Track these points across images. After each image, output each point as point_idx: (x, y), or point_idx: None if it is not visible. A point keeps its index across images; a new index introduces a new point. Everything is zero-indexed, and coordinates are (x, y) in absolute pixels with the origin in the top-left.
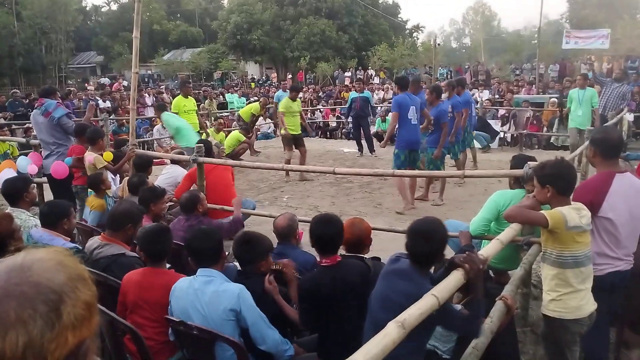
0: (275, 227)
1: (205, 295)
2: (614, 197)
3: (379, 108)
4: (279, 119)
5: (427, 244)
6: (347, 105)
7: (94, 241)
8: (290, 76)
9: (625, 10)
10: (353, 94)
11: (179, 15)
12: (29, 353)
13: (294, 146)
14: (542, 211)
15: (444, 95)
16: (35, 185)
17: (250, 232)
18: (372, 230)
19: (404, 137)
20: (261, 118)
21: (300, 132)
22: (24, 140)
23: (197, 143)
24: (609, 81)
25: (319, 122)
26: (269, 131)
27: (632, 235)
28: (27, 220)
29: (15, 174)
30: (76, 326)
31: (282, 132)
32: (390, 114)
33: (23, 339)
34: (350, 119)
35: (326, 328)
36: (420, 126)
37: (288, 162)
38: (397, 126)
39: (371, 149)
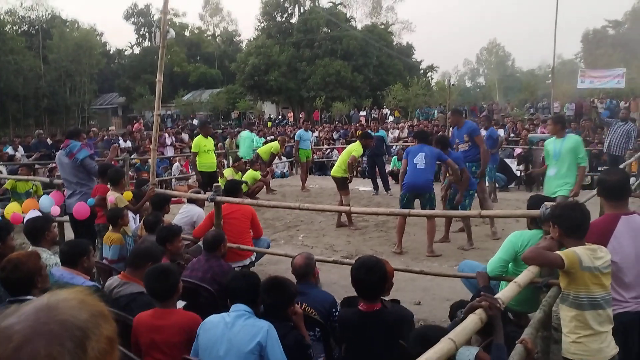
0: (293, 266)
1: (235, 327)
2: (619, 239)
3: (394, 147)
4: (349, 165)
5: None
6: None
7: (113, 280)
8: (301, 115)
9: (639, 50)
10: None
11: (198, 57)
12: None
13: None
14: (557, 252)
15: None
16: (56, 224)
17: (279, 278)
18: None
19: (406, 180)
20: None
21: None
22: (47, 179)
23: (227, 183)
24: (614, 121)
25: (335, 160)
26: (284, 170)
27: (639, 277)
28: (48, 259)
29: (39, 214)
30: None
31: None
32: None
33: None
34: (365, 158)
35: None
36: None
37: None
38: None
39: (386, 188)
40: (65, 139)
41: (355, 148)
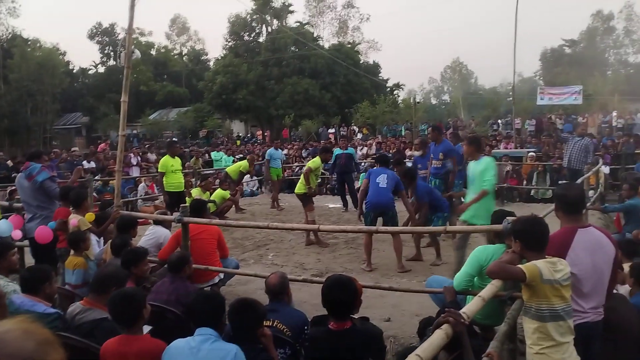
0: (267, 284)
1: (201, 352)
2: (576, 251)
3: (362, 164)
4: (304, 176)
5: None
6: (331, 162)
7: (75, 306)
8: (266, 134)
9: (595, 68)
10: (337, 151)
11: (165, 76)
12: None
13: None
14: (519, 265)
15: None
16: (16, 250)
17: (248, 299)
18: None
19: (369, 199)
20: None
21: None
22: (6, 203)
23: (192, 202)
24: (571, 137)
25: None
26: (254, 189)
27: (597, 288)
28: (5, 286)
29: None
30: None
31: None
32: None
33: None
34: (334, 175)
35: None
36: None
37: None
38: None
39: (356, 205)
40: (25, 160)
41: (312, 161)
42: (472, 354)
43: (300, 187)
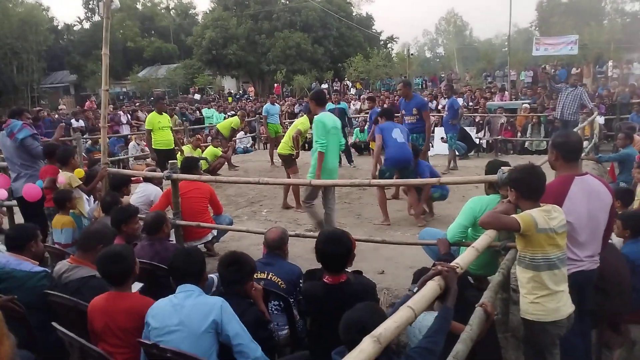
0: (266, 238)
1: (184, 308)
2: (573, 200)
3: (356, 119)
4: (294, 140)
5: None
6: None
7: (62, 264)
8: (250, 90)
9: (591, 18)
10: (330, 105)
11: (153, 32)
12: None
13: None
14: (513, 215)
15: None
16: (5, 209)
17: (237, 253)
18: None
19: (391, 154)
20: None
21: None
22: None
23: (183, 160)
24: (564, 87)
25: None
26: (247, 145)
27: (592, 237)
28: None
29: None
30: None
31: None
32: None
33: None
34: None
35: (319, 335)
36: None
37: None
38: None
39: (349, 160)
40: (7, 118)
41: (301, 122)
42: (454, 300)
43: (284, 148)
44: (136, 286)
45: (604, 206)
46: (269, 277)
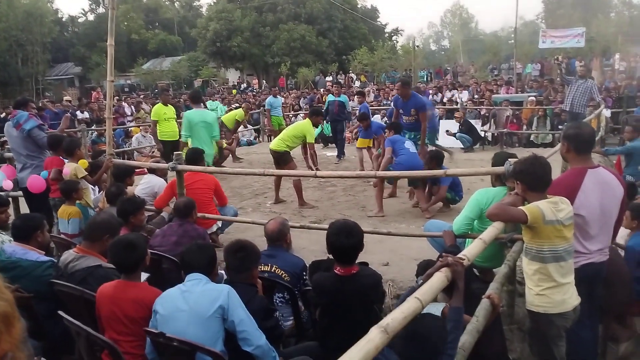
0: (266, 230)
1: (193, 294)
2: (586, 193)
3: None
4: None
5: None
6: (324, 109)
7: (68, 254)
8: (254, 82)
9: (598, 9)
10: (330, 98)
11: (157, 24)
12: None
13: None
14: (520, 207)
15: None
16: (8, 207)
17: (243, 240)
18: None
19: (404, 161)
20: (242, 125)
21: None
22: None
23: (188, 151)
24: (574, 79)
25: None
26: (251, 138)
27: (603, 230)
28: None
29: None
30: None
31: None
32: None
33: None
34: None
35: (330, 326)
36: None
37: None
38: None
39: (341, 153)
40: (12, 109)
41: (307, 130)
42: (462, 296)
43: (280, 144)
44: (143, 276)
45: (616, 199)
46: (272, 270)
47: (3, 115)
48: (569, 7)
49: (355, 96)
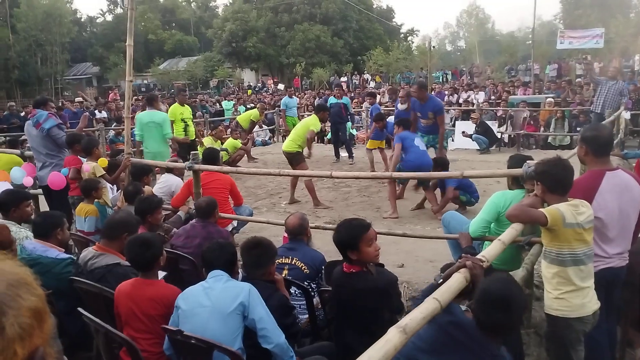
0: (287, 225)
1: (214, 291)
2: (604, 195)
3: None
4: (308, 142)
5: (504, 315)
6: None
7: (88, 251)
8: (269, 82)
9: (618, 10)
10: (332, 100)
11: (173, 24)
12: None
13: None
14: (541, 209)
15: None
16: (31, 201)
17: (259, 237)
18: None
19: (413, 159)
20: (257, 126)
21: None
22: (18, 152)
23: (205, 151)
24: (604, 80)
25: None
26: (266, 138)
27: (622, 233)
28: (17, 232)
29: (10, 186)
30: (24, 337)
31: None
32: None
33: None
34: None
35: (338, 324)
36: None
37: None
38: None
39: (337, 155)
40: (32, 108)
41: (313, 122)
42: None
43: (292, 145)
44: (160, 274)
45: (636, 202)
46: (293, 262)
47: (23, 114)
48: (587, 7)
49: (367, 97)
